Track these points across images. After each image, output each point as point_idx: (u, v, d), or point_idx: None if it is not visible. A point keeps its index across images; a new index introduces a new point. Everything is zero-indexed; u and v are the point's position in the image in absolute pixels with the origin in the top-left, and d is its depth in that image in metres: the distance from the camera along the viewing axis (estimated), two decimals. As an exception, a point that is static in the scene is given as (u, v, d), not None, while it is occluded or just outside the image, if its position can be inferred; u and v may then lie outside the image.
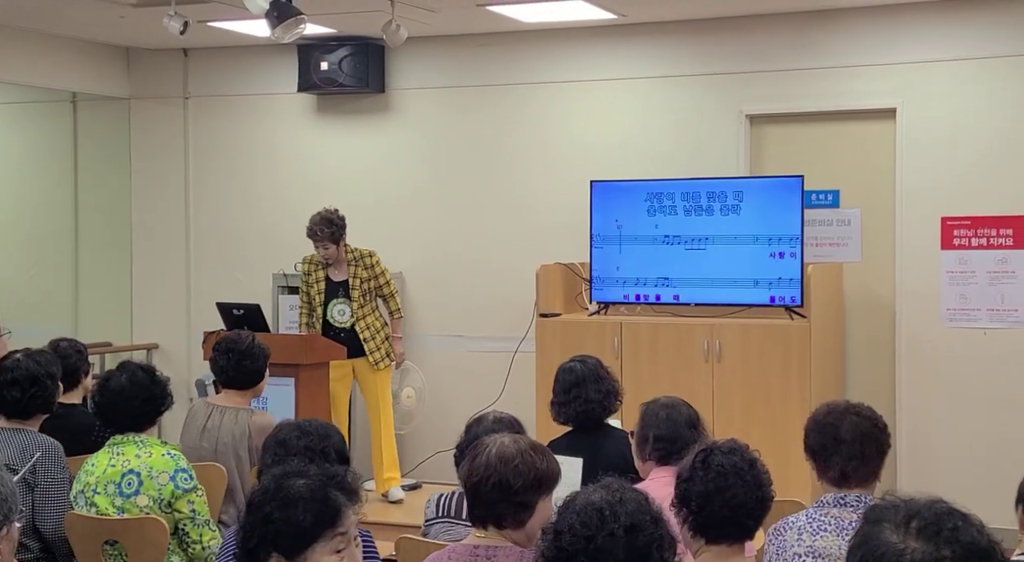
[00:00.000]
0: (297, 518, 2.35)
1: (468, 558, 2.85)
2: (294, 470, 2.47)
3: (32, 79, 8.23)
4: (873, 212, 7.05)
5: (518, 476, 2.83)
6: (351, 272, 6.86)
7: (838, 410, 3.36)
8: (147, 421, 4.13)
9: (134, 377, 4.12)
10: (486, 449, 2.90)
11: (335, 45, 7.81)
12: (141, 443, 4.04)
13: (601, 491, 2.24)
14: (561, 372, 4.58)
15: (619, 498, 2.19)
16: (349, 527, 2.42)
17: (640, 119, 7.51)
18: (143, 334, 8.65)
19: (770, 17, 7.13)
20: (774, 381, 6.45)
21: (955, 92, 6.85)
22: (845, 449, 3.27)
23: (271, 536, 2.36)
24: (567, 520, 2.19)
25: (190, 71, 8.59)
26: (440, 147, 7.98)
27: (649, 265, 6.91)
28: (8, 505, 2.12)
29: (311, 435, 3.39)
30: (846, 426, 3.29)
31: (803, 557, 3.17)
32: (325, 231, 6.80)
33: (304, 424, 3.47)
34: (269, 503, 2.38)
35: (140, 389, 4.11)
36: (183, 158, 8.64)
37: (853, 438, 3.27)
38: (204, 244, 8.61)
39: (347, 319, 6.78)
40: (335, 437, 3.45)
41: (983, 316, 6.76)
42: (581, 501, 2.22)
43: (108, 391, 4.12)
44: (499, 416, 3.82)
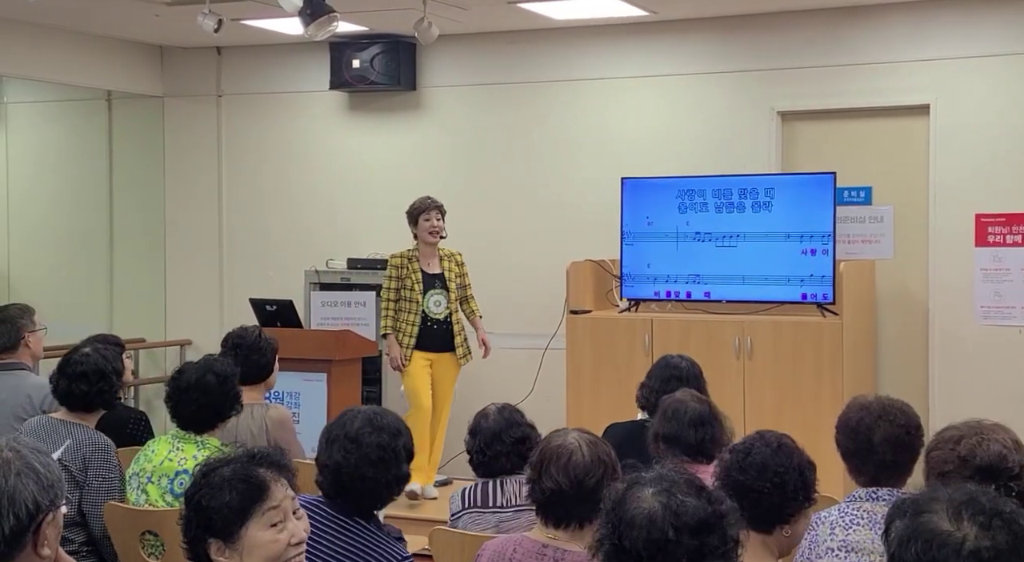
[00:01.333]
0: (224, 500, 2.43)
1: (536, 556, 2.86)
2: (220, 459, 2.54)
3: (68, 77, 8.31)
4: (906, 209, 7.03)
5: (602, 480, 2.85)
6: (445, 266, 6.83)
7: (871, 416, 3.28)
8: (207, 425, 4.09)
9: (202, 379, 4.07)
10: (568, 453, 2.91)
11: (367, 43, 7.84)
12: (201, 444, 4.04)
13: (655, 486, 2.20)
14: (667, 366, 4.66)
15: (679, 498, 2.15)
16: (282, 500, 2.47)
17: (671, 116, 7.52)
18: (176, 330, 8.71)
19: (801, 13, 7.12)
20: (806, 379, 6.44)
21: (989, 88, 6.81)
22: (878, 458, 3.24)
23: (205, 523, 2.43)
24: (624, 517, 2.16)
25: (223, 69, 8.65)
26: (471, 144, 8.01)
27: (680, 262, 6.91)
28: (55, 490, 2.15)
29: (383, 432, 3.13)
30: (879, 432, 3.24)
31: (836, 551, 3.18)
32: (437, 202, 6.76)
33: (375, 418, 3.18)
34: (198, 493, 2.46)
35: (203, 393, 4.06)
36: (216, 156, 8.70)
37: (886, 448, 3.23)
38: (237, 241, 8.67)
39: (443, 310, 6.75)
40: (406, 435, 3.22)
41: (1018, 314, 6.72)
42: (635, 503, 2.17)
43: (175, 385, 4.12)
44: (500, 406, 3.87)
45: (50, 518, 2.15)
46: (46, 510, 2.13)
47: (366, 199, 8.26)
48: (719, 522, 2.13)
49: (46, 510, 2.13)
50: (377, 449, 3.08)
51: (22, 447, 2.17)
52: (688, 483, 2.17)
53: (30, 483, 2.12)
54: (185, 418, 4.08)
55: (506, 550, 2.92)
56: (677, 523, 2.08)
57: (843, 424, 3.34)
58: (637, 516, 2.11)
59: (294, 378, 6.40)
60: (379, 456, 3.08)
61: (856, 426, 3.29)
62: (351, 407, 3.34)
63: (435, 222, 6.73)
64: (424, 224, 6.73)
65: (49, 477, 2.15)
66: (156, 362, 8.84)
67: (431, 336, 6.74)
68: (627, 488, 2.18)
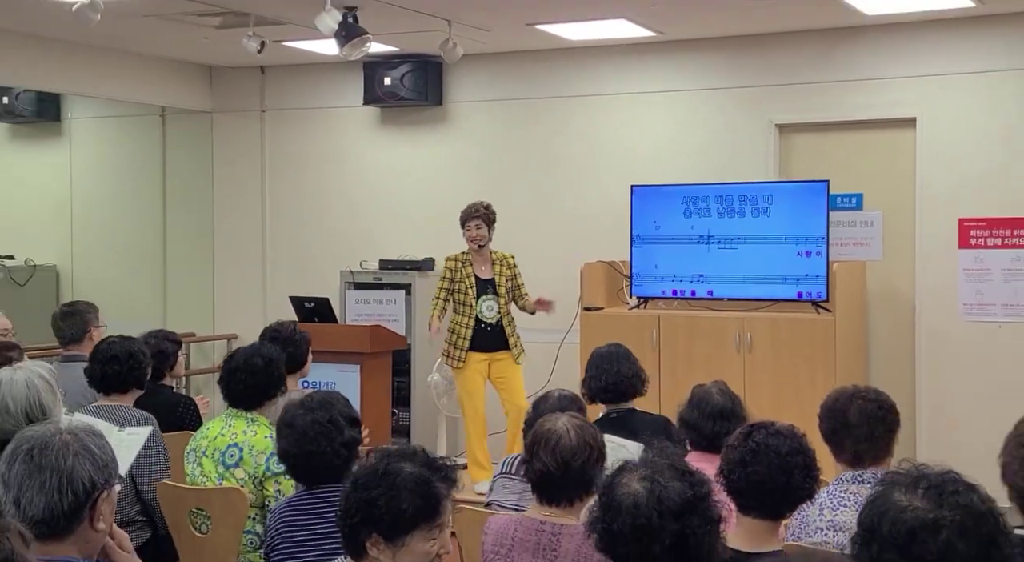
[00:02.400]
0: (401, 506, 2.33)
1: (535, 534, 2.85)
2: (401, 452, 2.42)
3: (125, 95, 8.36)
4: (894, 214, 7.00)
5: (588, 461, 2.85)
6: (496, 270, 6.67)
7: (845, 396, 3.31)
8: (254, 403, 4.10)
9: (250, 361, 4.11)
10: (556, 437, 2.89)
11: (397, 62, 7.86)
12: (251, 421, 4.06)
13: (641, 471, 2.20)
14: (595, 353, 4.57)
15: (662, 483, 2.14)
16: (446, 516, 2.40)
17: (677, 128, 7.51)
18: (223, 325, 8.76)
19: (797, 34, 7.10)
20: (801, 371, 6.42)
21: (972, 103, 6.78)
22: (855, 432, 3.24)
23: (374, 518, 2.33)
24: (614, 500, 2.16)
25: (266, 87, 8.69)
26: (493, 155, 8.02)
27: (685, 263, 6.90)
28: (109, 470, 2.19)
29: (313, 410, 3.24)
30: (853, 411, 3.26)
31: (824, 531, 3.17)
32: (480, 209, 6.63)
33: (306, 401, 3.31)
34: (377, 487, 2.34)
35: (251, 374, 4.08)
36: (260, 166, 8.74)
37: (861, 421, 3.24)
38: (278, 243, 8.71)
39: (495, 315, 6.64)
40: (338, 406, 3.30)
41: (998, 311, 6.69)
42: (625, 487, 2.18)
43: (227, 366, 4.16)
44: (564, 394, 3.82)
45: (105, 495, 2.18)
46: (101, 488, 2.17)
47: (396, 205, 8.29)
48: (700, 504, 2.12)
49: (101, 488, 2.17)
50: (312, 426, 3.18)
51: (79, 430, 2.20)
52: (672, 468, 2.17)
53: (87, 463, 2.15)
54: (234, 396, 4.11)
55: (508, 529, 2.92)
56: (660, 508, 2.08)
57: (823, 409, 3.35)
58: (624, 502, 2.11)
59: (330, 369, 6.41)
60: (316, 431, 3.17)
61: (833, 406, 3.31)
62: (290, 399, 3.47)
63: (475, 231, 6.61)
64: (466, 233, 6.64)
65: (104, 458, 2.19)
66: (205, 355, 8.90)
67: (485, 338, 6.64)
68: (616, 474, 2.18)
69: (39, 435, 2.18)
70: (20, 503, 2.12)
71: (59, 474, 2.11)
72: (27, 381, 3.40)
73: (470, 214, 6.65)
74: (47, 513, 2.11)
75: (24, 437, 2.20)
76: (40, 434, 2.18)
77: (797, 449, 2.76)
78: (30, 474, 2.12)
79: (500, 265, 6.72)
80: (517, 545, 2.85)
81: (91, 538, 2.17)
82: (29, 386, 3.39)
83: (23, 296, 8.81)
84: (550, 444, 2.89)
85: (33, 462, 2.13)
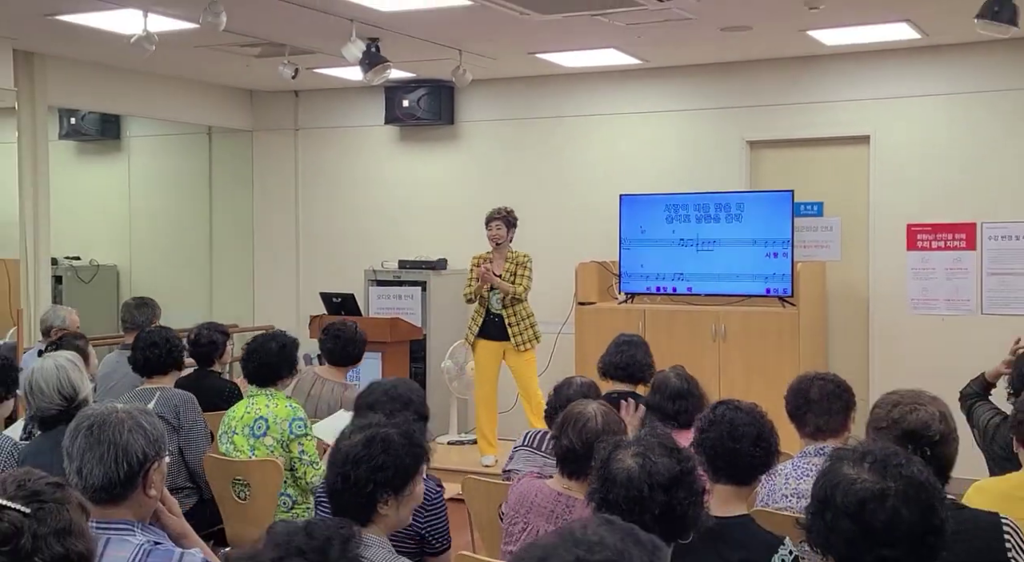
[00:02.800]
0: (404, 462, 2.38)
1: (552, 502, 2.86)
2: (369, 423, 2.45)
3: (176, 116, 8.35)
4: (851, 220, 6.98)
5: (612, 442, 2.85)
6: (507, 268, 6.58)
7: (807, 378, 3.32)
8: (268, 381, 4.13)
9: (265, 346, 4.15)
10: (585, 419, 2.88)
11: (414, 86, 7.85)
12: (270, 396, 4.09)
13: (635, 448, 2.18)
14: (619, 337, 4.53)
15: (653, 459, 2.12)
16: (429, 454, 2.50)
17: (660, 144, 7.49)
18: (262, 317, 8.75)
19: (766, 62, 7.08)
20: (769, 358, 6.41)
21: (919, 123, 6.77)
22: (815, 407, 3.24)
23: (386, 480, 2.35)
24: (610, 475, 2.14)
25: (300, 108, 8.68)
26: (499, 168, 8.01)
27: (667, 263, 6.90)
28: (159, 444, 2.19)
29: (396, 401, 3.23)
30: (814, 389, 3.26)
31: (789, 498, 3.16)
32: (502, 213, 6.58)
33: (391, 389, 3.30)
34: (378, 454, 2.35)
35: (267, 355, 4.12)
36: (294, 177, 8.73)
37: (821, 398, 3.24)
38: (310, 245, 8.70)
39: (499, 307, 6.55)
40: (416, 400, 3.29)
41: (941, 305, 6.67)
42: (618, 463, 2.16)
43: (248, 350, 4.22)
44: (584, 381, 3.81)
45: (156, 465, 2.18)
46: (152, 459, 2.17)
47: (413, 212, 8.28)
48: (686, 478, 2.12)
49: (152, 459, 2.17)
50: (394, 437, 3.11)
51: (132, 409, 2.20)
52: (662, 445, 2.16)
53: (139, 437, 2.16)
54: (249, 372, 4.17)
55: (529, 493, 2.91)
56: (651, 481, 2.07)
57: (789, 390, 3.36)
58: (619, 475, 2.10)
59: (355, 356, 6.42)
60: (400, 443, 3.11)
61: (796, 387, 3.32)
62: (377, 381, 3.46)
63: (494, 231, 6.54)
64: (487, 233, 6.60)
65: (154, 433, 2.19)
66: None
67: (492, 327, 6.57)
68: (612, 450, 2.17)
69: (99, 413, 2.18)
70: (82, 472, 2.13)
71: (116, 447, 2.12)
72: (56, 365, 3.43)
73: (492, 216, 6.61)
74: (105, 481, 2.12)
75: (85, 414, 2.21)
76: (100, 412, 2.18)
77: (750, 422, 2.72)
78: (91, 447, 2.12)
79: (511, 263, 6.64)
80: (535, 509, 2.85)
81: (144, 503, 2.18)
82: (58, 368, 3.41)
83: (88, 292, 8.82)
84: (578, 425, 2.89)
85: (93, 436, 2.13)
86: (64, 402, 3.33)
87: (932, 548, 1.80)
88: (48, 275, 7.19)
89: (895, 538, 1.79)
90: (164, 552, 2.09)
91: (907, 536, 1.79)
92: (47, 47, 6.82)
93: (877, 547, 1.79)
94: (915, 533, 1.79)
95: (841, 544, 1.81)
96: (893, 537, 1.79)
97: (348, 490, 2.33)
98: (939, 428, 2.59)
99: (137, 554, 2.07)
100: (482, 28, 6.04)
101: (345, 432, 2.45)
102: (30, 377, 3.42)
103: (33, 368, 3.46)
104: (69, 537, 1.59)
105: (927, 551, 1.80)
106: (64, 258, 8.85)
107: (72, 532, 1.60)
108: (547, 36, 6.32)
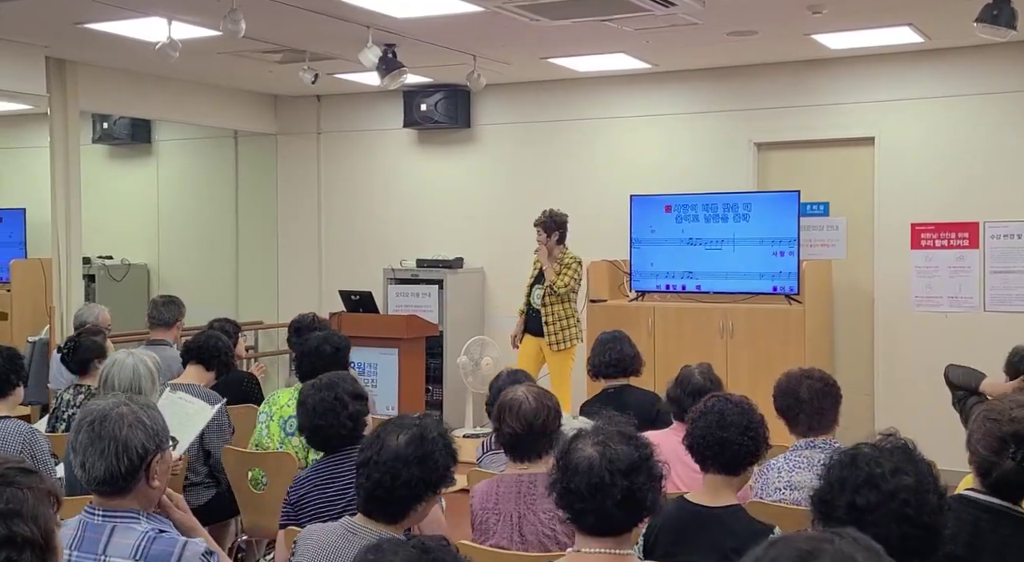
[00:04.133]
0: (450, 462, 2.39)
1: (515, 485, 2.86)
2: (404, 421, 2.42)
3: (204, 120, 8.40)
4: (856, 219, 6.94)
5: (548, 420, 2.86)
6: (556, 270, 6.56)
7: (795, 377, 3.27)
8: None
9: (319, 349, 4.09)
10: (518, 403, 2.90)
11: (432, 90, 7.87)
12: None
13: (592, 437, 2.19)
14: (600, 336, 4.53)
15: (612, 447, 2.13)
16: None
17: (669, 146, 7.48)
18: (286, 314, 8.71)
19: (773, 65, 7.05)
20: (775, 354, 6.36)
21: (922, 124, 6.72)
22: (806, 407, 3.20)
23: (435, 480, 2.36)
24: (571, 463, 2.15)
25: (322, 112, 8.72)
26: (513, 169, 8.02)
27: (676, 261, 6.88)
28: (160, 437, 2.20)
29: (322, 390, 3.21)
30: (804, 389, 3.22)
31: (782, 490, 3.17)
32: (540, 219, 6.59)
33: (316, 382, 3.27)
34: (431, 452, 2.35)
35: (320, 357, 4.07)
36: (316, 179, 8.77)
37: (811, 398, 3.20)
38: (331, 245, 8.74)
39: (538, 301, 6.56)
40: (343, 385, 3.24)
41: (944, 302, 6.62)
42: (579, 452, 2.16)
43: (302, 351, 4.16)
44: (511, 370, 3.83)
45: (158, 457, 2.19)
46: (153, 452, 2.18)
47: (431, 212, 8.30)
48: (645, 464, 2.12)
49: (153, 452, 2.18)
50: (320, 404, 3.16)
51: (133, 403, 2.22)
52: (620, 434, 2.17)
53: (139, 433, 2.17)
54: (304, 373, 4.08)
55: (491, 488, 2.91)
56: (611, 468, 2.07)
57: (776, 389, 3.32)
58: (580, 464, 2.11)
59: (372, 352, 6.44)
60: (323, 409, 3.15)
61: (786, 387, 3.28)
62: (304, 383, 3.41)
63: (537, 238, 6.59)
64: (537, 230, 6.61)
65: (154, 427, 2.20)
66: (271, 339, 8.94)
67: (532, 321, 6.59)
68: (572, 440, 2.18)
69: (100, 408, 2.19)
70: (85, 466, 2.15)
71: (116, 442, 2.13)
72: (134, 366, 3.43)
73: (535, 222, 6.61)
74: (107, 475, 2.14)
75: (88, 409, 2.23)
76: (101, 407, 2.20)
77: (740, 413, 2.73)
78: (92, 442, 2.14)
79: (559, 264, 6.57)
80: (502, 497, 2.85)
81: (148, 493, 2.20)
82: (135, 370, 3.42)
83: (120, 290, 8.91)
84: (513, 410, 2.90)
85: (94, 432, 2.15)
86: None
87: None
88: (80, 273, 7.27)
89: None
90: (168, 539, 2.12)
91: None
92: (78, 54, 6.89)
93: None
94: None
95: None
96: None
97: (397, 489, 2.31)
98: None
99: (142, 541, 2.10)
100: (495, 34, 6.05)
101: (376, 433, 2.40)
102: (109, 368, 3.42)
103: (115, 360, 3.45)
104: (17, 519, 1.54)
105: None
106: (97, 257, 8.93)
107: (22, 515, 1.55)
108: (559, 41, 6.33)
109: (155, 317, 5.36)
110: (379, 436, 2.37)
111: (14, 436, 3.52)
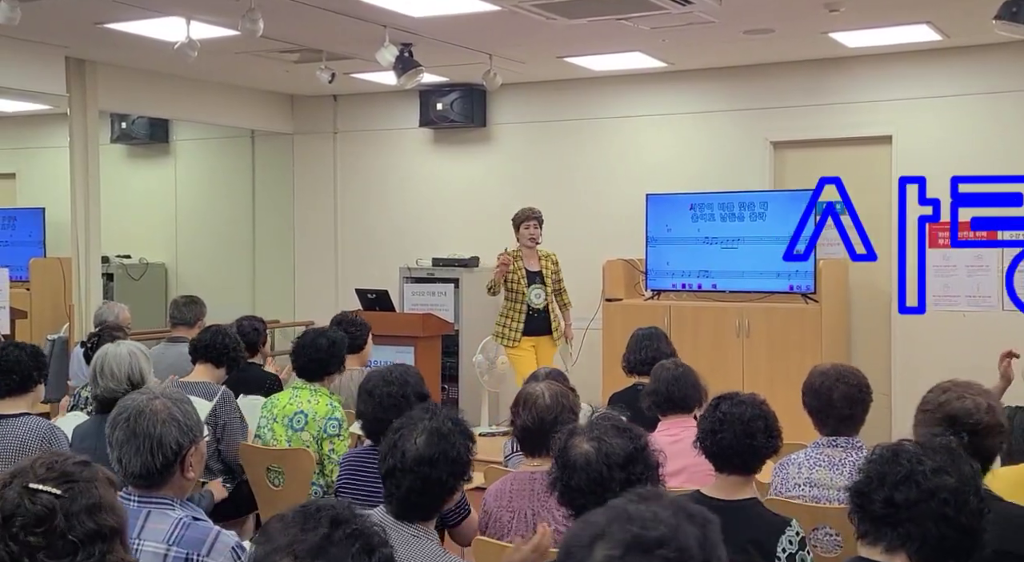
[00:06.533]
0: (469, 450, 2.40)
1: (527, 482, 2.86)
2: (417, 416, 2.41)
3: (222, 120, 8.44)
4: (873, 218, 6.89)
5: (561, 416, 2.86)
6: (543, 264, 6.62)
7: (830, 379, 3.20)
8: (316, 376, 4.13)
9: (315, 342, 4.13)
10: (535, 398, 2.92)
11: (448, 90, 7.87)
12: (314, 391, 4.09)
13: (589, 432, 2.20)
14: (637, 332, 4.53)
15: (607, 441, 2.14)
16: None
17: (685, 145, 7.45)
18: (302, 313, 8.83)
19: (789, 63, 7.02)
20: (792, 353, 6.35)
21: (940, 122, 6.68)
22: (836, 412, 3.16)
23: (464, 471, 2.38)
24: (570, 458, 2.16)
25: (338, 112, 8.74)
26: (529, 168, 8.01)
27: (692, 260, 6.86)
28: (193, 432, 2.23)
29: (392, 385, 3.25)
30: (837, 392, 3.16)
31: (802, 486, 3.15)
32: (536, 212, 6.61)
33: (387, 374, 3.31)
34: (460, 446, 2.35)
35: (316, 351, 4.11)
36: (332, 178, 8.79)
37: (843, 404, 3.16)
38: (348, 244, 8.76)
39: (541, 301, 6.58)
40: (412, 385, 3.30)
41: (963, 301, 6.57)
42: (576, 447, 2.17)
43: (298, 345, 4.21)
44: (550, 370, 3.83)
45: (192, 450, 2.22)
46: (187, 446, 2.21)
47: (447, 211, 8.31)
48: (640, 454, 2.13)
49: (187, 446, 2.21)
50: (387, 398, 3.20)
51: (166, 398, 2.24)
52: (614, 427, 2.17)
53: (173, 429, 2.20)
54: (300, 366, 4.16)
55: (504, 486, 2.91)
56: (608, 462, 2.09)
57: (808, 387, 3.26)
58: (577, 460, 2.12)
59: (388, 350, 6.44)
60: (390, 403, 3.18)
61: (819, 388, 3.21)
62: (376, 369, 3.44)
63: (532, 230, 6.57)
64: (524, 232, 6.59)
65: (188, 422, 2.22)
66: (288, 337, 8.94)
67: (534, 323, 6.59)
68: (567, 438, 2.19)
69: (135, 404, 2.23)
70: (122, 461, 2.19)
71: (151, 439, 2.16)
72: (129, 351, 3.48)
73: (528, 216, 6.61)
74: (143, 470, 2.17)
75: (124, 406, 2.25)
76: (136, 403, 2.23)
77: (758, 415, 2.71)
78: (128, 439, 2.18)
79: (546, 261, 6.67)
80: (515, 495, 2.85)
81: (183, 484, 2.25)
82: (131, 355, 3.47)
83: (138, 288, 8.95)
84: (528, 404, 2.92)
85: (129, 428, 2.19)
86: (130, 388, 3.35)
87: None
88: (98, 272, 7.31)
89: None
90: (202, 527, 2.15)
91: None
92: (97, 54, 6.93)
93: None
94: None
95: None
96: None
97: (430, 490, 2.30)
98: (983, 418, 2.54)
99: (176, 527, 2.13)
100: (511, 33, 6.05)
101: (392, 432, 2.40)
102: (102, 358, 3.46)
103: (107, 351, 3.50)
104: (100, 512, 1.61)
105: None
106: (116, 256, 8.98)
107: (102, 507, 1.62)
108: (575, 40, 6.32)
109: (176, 316, 5.40)
110: (395, 444, 2.34)
111: (34, 433, 3.55)
